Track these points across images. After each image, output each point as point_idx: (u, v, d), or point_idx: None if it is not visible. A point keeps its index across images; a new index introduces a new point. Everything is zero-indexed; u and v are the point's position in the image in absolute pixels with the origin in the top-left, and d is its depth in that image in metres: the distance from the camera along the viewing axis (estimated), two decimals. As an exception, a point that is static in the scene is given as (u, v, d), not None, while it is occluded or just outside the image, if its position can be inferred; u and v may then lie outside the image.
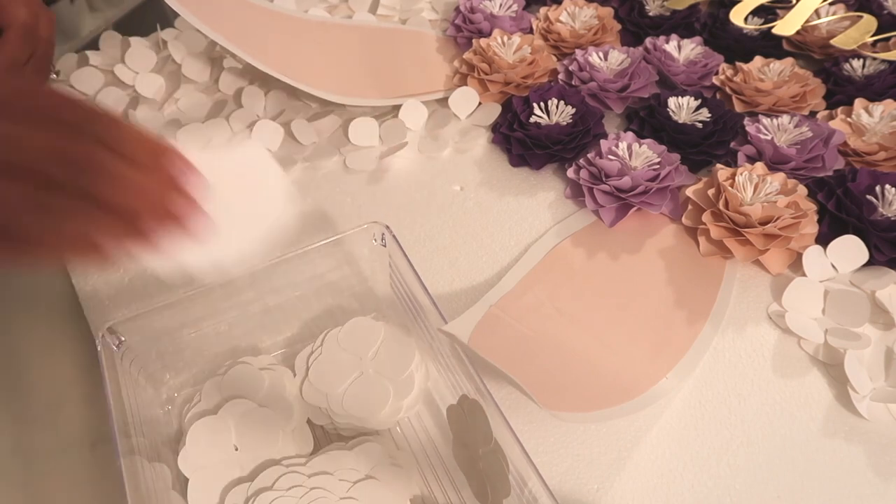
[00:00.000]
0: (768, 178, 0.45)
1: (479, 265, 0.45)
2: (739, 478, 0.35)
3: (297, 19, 0.60)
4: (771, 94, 0.53)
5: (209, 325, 0.38)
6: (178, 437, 0.35)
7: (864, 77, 0.54)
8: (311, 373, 0.36)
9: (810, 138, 0.48)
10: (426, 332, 0.36)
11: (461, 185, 0.51)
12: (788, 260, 0.44)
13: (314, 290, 0.40)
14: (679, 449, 0.36)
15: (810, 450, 0.36)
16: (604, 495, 0.34)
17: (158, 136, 0.27)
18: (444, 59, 0.61)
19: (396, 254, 0.37)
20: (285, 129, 0.53)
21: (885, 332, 0.40)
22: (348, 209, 0.49)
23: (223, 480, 0.33)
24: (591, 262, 0.44)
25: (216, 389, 0.36)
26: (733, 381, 0.39)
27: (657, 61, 0.57)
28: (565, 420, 0.36)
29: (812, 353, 0.39)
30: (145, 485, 0.30)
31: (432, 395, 0.37)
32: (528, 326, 0.40)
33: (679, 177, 0.47)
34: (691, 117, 0.51)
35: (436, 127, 0.55)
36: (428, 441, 0.36)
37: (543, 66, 0.57)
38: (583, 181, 0.47)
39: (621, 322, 0.41)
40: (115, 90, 0.56)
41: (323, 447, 0.35)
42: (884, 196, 0.44)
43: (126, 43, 0.59)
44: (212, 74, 0.58)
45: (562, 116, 0.52)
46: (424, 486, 0.34)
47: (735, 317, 0.42)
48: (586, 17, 0.61)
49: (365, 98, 0.55)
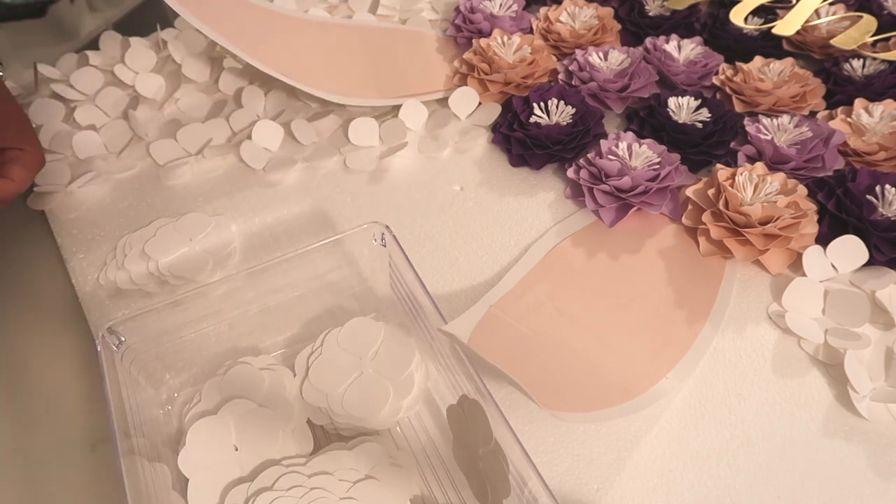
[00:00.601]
0: (768, 178, 0.45)
1: (479, 265, 0.45)
2: (739, 478, 0.35)
3: (297, 19, 0.60)
4: (771, 94, 0.53)
5: (209, 325, 0.38)
6: (178, 437, 0.35)
7: (864, 77, 0.54)
8: (311, 373, 0.36)
9: (810, 138, 0.48)
10: (426, 332, 0.36)
11: (461, 185, 0.51)
12: (788, 260, 0.44)
13: (314, 290, 0.40)
14: (679, 449, 0.36)
15: (810, 450, 0.36)
16: (604, 495, 0.34)
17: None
18: (444, 59, 0.61)
19: (396, 254, 0.37)
20: (285, 129, 0.53)
21: (885, 332, 0.40)
22: (348, 209, 0.49)
23: (223, 480, 0.33)
24: (591, 262, 0.44)
25: (216, 389, 0.36)
26: (733, 381, 0.39)
27: (657, 61, 0.57)
28: (565, 420, 0.36)
29: (812, 353, 0.39)
30: (145, 485, 0.30)
31: (432, 395, 0.37)
32: (528, 326, 0.40)
33: (679, 177, 0.47)
34: (691, 117, 0.51)
35: (436, 127, 0.55)
36: (428, 441, 0.36)
37: (543, 66, 0.57)
38: (583, 181, 0.47)
39: (621, 322, 0.41)
40: (115, 90, 0.56)
41: (323, 447, 0.35)
42: (884, 196, 0.44)
43: (126, 43, 0.59)
44: (212, 74, 0.58)
45: (562, 116, 0.52)
46: (424, 486, 0.34)
47: (735, 317, 0.42)
48: (586, 17, 0.61)
49: (365, 98, 0.55)
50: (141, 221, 0.48)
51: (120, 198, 0.50)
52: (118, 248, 0.45)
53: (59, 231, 0.48)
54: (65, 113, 0.54)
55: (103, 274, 0.44)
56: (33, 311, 0.45)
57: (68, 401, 0.40)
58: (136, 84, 0.56)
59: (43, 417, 0.39)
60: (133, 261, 0.44)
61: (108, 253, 0.46)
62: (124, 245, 0.45)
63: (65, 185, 0.49)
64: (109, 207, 0.49)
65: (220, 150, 0.52)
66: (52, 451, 0.38)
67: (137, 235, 0.46)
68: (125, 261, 0.44)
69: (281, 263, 0.36)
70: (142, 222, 0.48)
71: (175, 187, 0.50)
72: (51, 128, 0.53)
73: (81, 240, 0.47)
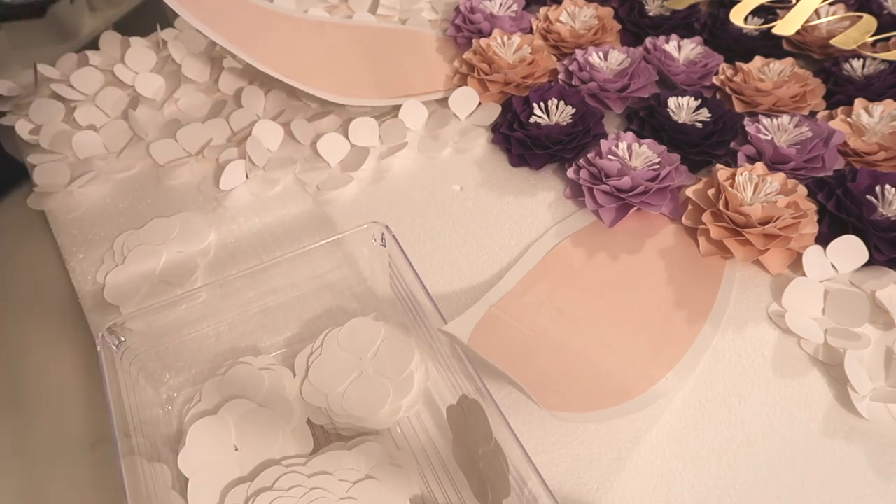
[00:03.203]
0: (768, 178, 0.45)
1: (479, 265, 0.45)
2: (739, 478, 0.35)
3: (297, 19, 0.60)
4: (771, 94, 0.53)
5: (209, 325, 0.38)
6: (178, 437, 0.35)
7: (864, 77, 0.54)
8: (311, 373, 0.36)
9: (810, 138, 0.48)
10: (426, 332, 0.36)
11: (461, 185, 0.51)
12: (788, 260, 0.44)
13: (314, 290, 0.40)
14: (679, 449, 0.36)
15: (810, 450, 0.36)
16: (604, 495, 0.34)
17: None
18: (444, 59, 0.61)
19: (396, 254, 0.37)
20: (285, 129, 0.53)
21: (885, 332, 0.40)
22: (348, 209, 0.49)
23: (223, 480, 0.33)
24: (591, 262, 0.44)
25: (216, 389, 0.36)
26: (733, 381, 0.39)
27: (657, 61, 0.57)
28: (565, 420, 0.36)
29: (812, 353, 0.39)
30: (145, 485, 0.30)
31: (432, 394, 0.37)
32: (528, 326, 0.40)
33: (679, 177, 0.47)
34: (691, 117, 0.51)
35: (436, 127, 0.55)
36: (428, 441, 0.36)
37: (543, 66, 0.57)
38: (583, 181, 0.47)
39: (621, 322, 0.41)
40: (115, 90, 0.56)
41: (323, 447, 0.35)
42: (884, 196, 0.44)
43: (126, 43, 0.59)
44: (212, 74, 0.58)
45: (562, 116, 0.52)
46: (424, 486, 0.34)
47: (735, 317, 0.42)
48: (586, 17, 0.61)
49: (365, 98, 0.55)
50: (141, 221, 0.48)
51: (120, 198, 0.50)
52: (115, 247, 0.45)
53: (59, 231, 0.48)
54: (65, 113, 0.54)
55: (101, 274, 0.44)
56: (33, 311, 0.45)
57: (68, 401, 0.40)
58: (136, 84, 0.56)
59: (43, 417, 0.39)
60: (132, 260, 0.44)
61: (106, 252, 0.46)
62: (122, 245, 0.45)
63: (65, 185, 0.49)
64: (109, 207, 0.49)
65: (217, 151, 0.52)
66: (52, 450, 0.38)
67: (134, 236, 0.46)
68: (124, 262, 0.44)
69: (281, 263, 0.36)
70: (142, 222, 0.48)
71: (175, 187, 0.50)
72: (51, 128, 0.53)
73: (81, 240, 0.47)
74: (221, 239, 0.47)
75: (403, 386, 0.35)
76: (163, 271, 0.44)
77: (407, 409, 0.36)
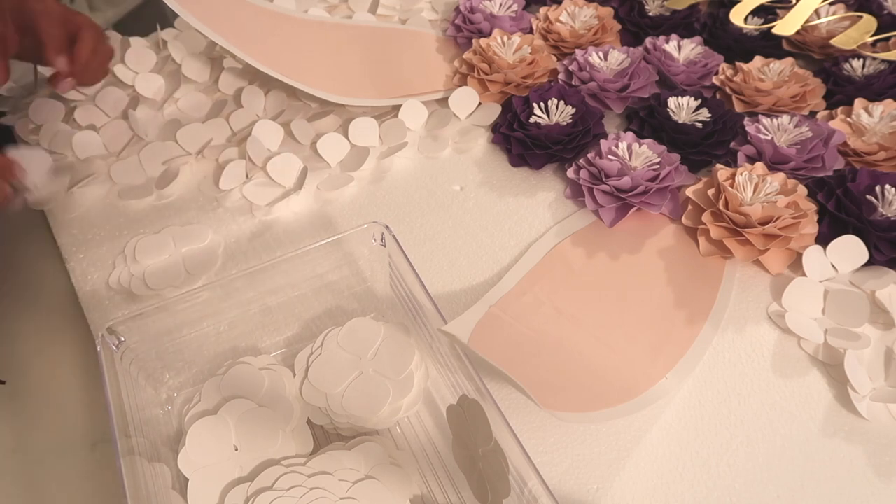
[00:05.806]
0: (768, 178, 0.45)
1: (479, 265, 0.45)
2: (739, 478, 0.35)
3: (297, 19, 0.60)
4: (771, 94, 0.53)
5: (209, 325, 0.38)
6: (178, 437, 0.35)
7: (864, 77, 0.54)
8: (311, 373, 0.36)
9: (810, 138, 0.48)
10: (426, 332, 0.36)
11: (461, 185, 0.51)
12: (788, 260, 0.44)
13: (314, 290, 0.40)
14: (679, 449, 0.36)
15: (810, 450, 0.36)
16: (604, 495, 0.34)
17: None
18: (444, 59, 0.61)
19: (396, 254, 0.37)
20: (285, 129, 0.53)
21: (885, 332, 0.40)
22: (348, 209, 0.49)
23: (223, 480, 0.33)
24: (591, 262, 0.44)
25: (216, 389, 0.36)
26: (733, 381, 0.39)
27: (657, 61, 0.57)
28: (565, 420, 0.36)
29: (812, 353, 0.39)
30: (145, 485, 0.30)
31: (432, 394, 0.37)
32: (528, 326, 0.40)
33: (679, 177, 0.47)
34: (691, 117, 0.51)
35: (436, 127, 0.55)
36: (428, 441, 0.36)
37: (543, 66, 0.57)
38: (583, 181, 0.47)
39: (621, 322, 0.41)
40: (115, 90, 0.56)
41: (323, 447, 0.35)
42: (884, 196, 0.44)
43: (126, 43, 0.59)
44: (212, 74, 0.58)
45: (562, 116, 0.52)
46: (424, 486, 0.34)
47: (735, 317, 0.42)
48: (586, 17, 0.61)
49: (365, 98, 0.55)
50: (141, 222, 0.48)
51: (120, 198, 0.50)
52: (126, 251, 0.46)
53: (59, 231, 0.48)
54: (65, 113, 0.54)
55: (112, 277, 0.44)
56: (33, 311, 0.45)
57: (68, 401, 0.40)
58: (136, 84, 0.56)
59: (43, 417, 0.39)
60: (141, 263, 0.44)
61: (117, 255, 0.46)
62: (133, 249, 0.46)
63: (65, 185, 0.49)
64: (109, 207, 0.49)
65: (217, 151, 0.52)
66: (52, 450, 0.38)
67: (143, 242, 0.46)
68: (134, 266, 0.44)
69: (281, 263, 0.36)
70: (141, 222, 0.48)
71: (174, 187, 0.50)
72: (51, 128, 0.53)
73: (81, 240, 0.47)
74: (221, 239, 0.47)
75: (403, 386, 0.35)
76: (186, 260, 0.45)
77: (407, 409, 0.36)
